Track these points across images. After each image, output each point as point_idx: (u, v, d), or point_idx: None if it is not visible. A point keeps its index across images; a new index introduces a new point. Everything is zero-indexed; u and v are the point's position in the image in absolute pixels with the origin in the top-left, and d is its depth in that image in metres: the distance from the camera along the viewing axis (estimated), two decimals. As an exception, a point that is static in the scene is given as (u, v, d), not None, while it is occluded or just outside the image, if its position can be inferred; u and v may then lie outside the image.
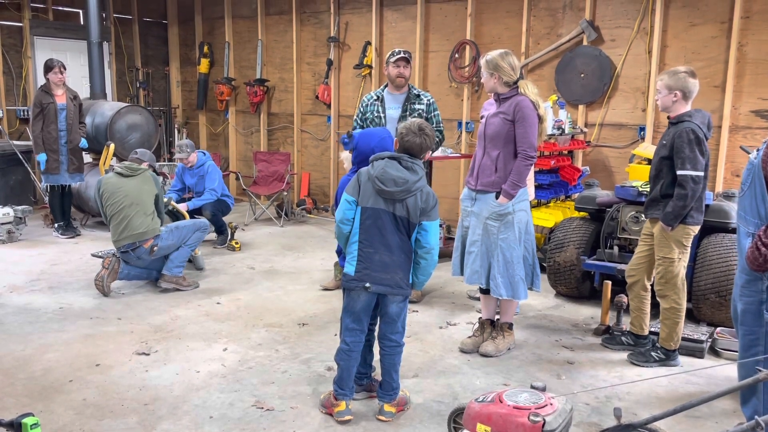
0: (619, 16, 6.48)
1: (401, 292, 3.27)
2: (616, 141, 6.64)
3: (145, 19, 10.27)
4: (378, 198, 3.19)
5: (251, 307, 5.07)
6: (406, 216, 3.18)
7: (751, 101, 5.85)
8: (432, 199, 3.23)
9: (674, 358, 4.07)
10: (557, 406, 2.67)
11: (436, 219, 3.24)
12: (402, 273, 3.25)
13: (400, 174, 3.16)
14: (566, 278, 5.21)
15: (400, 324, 3.34)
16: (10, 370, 3.88)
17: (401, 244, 3.22)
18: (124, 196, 5.30)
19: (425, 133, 3.24)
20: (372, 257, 3.21)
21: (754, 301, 2.95)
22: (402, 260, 3.24)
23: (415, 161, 3.22)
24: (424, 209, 3.20)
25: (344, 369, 3.35)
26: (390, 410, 3.37)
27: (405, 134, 3.24)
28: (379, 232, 3.20)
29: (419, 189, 3.19)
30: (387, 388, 3.38)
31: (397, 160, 3.21)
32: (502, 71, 3.99)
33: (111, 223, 5.35)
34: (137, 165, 5.53)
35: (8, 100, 8.76)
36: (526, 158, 3.99)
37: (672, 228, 3.83)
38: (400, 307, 3.30)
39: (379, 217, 3.19)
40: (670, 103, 3.84)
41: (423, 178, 3.22)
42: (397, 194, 3.15)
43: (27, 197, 8.36)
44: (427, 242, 3.23)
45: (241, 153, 10.02)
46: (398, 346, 3.37)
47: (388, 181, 3.15)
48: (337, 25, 8.50)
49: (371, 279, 3.21)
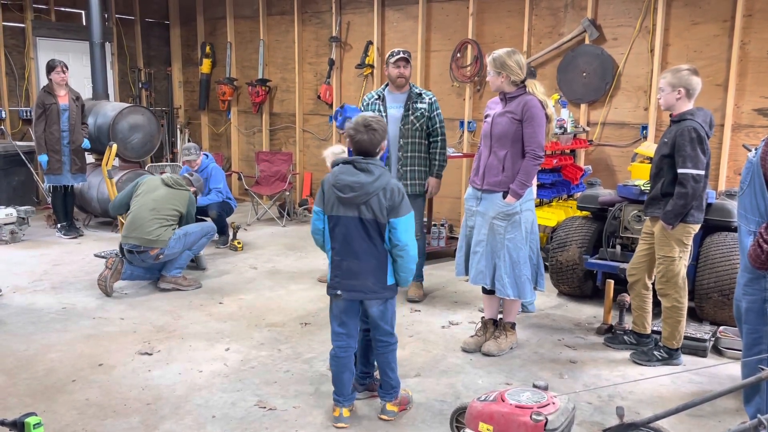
0: (620, 14, 6.47)
1: (375, 297, 3.20)
2: (619, 140, 6.64)
3: (147, 20, 10.28)
4: (340, 205, 3.12)
5: (253, 306, 5.08)
6: (372, 218, 3.09)
7: (754, 99, 5.84)
8: (398, 196, 3.10)
9: (677, 356, 4.07)
10: (559, 405, 2.67)
11: (405, 214, 3.12)
12: (373, 278, 3.16)
13: (355, 178, 3.07)
14: (569, 277, 5.20)
15: (386, 324, 3.29)
16: (12, 369, 3.89)
17: (370, 248, 3.13)
18: (152, 200, 5.40)
19: (372, 128, 3.11)
20: (340, 265, 3.18)
21: (757, 299, 2.95)
22: (372, 266, 3.15)
23: (369, 162, 3.11)
24: (391, 207, 3.09)
25: (335, 374, 3.34)
26: (392, 409, 3.36)
27: (354, 134, 3.12)
28: (344, 239, 3.14)
29: (380, 188, 3.07)
30: (386, 387, 3.37)
31: (351, 164, 3.12)
32: (509, 70, 3.96)
33: (127, 218, 5.41)
34: (184, 183, 5.65)
35: (11, 101, 8.78)
36: (534, 158, 3.97)
37: (672, 227, 3.82)
38: (380, 310, 3.24)
39: (343, 224, 3.13)
40: (674, 100, 3.83)
41: (382, 176, 3.10)
42: (355, 199, 3.07)
43: (30, 198, 8.39)
44: (398, 240, 3.12)
45: (243, 153, 10.03)
46: (389, 345, 3.33)
47: (344, 187, 3.08)
48: (339, 25, 8.51)
49: (342, 286, 3.18)
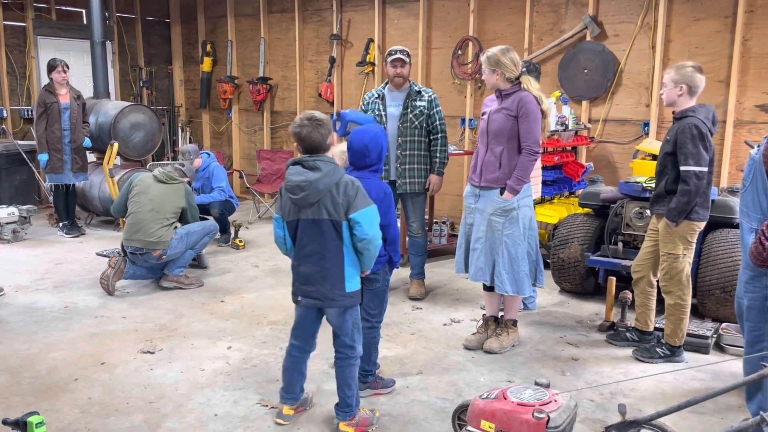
0: (622, 11, 6.46)
1: (332, 304, 3.05)
2: (620, 137, 6.62)
3: (148, 18, 10.28)
4: (295, 208, 3.01)
5: (255, 305, 5.08)
6: (328, 218, 2.96)
7: (756, 96, 5.83)
8: (352, 190, 2.96)
9: (679, 354, 4.06)
10: (561, 403, 2.67)
11: (365, 207, 2.97)
12: (330, 284, 3.01)
13: (303, 177, 2.94)
14: (570, 275, 5.20)
15: (345, 336, 3.12)
16: (15, 368, 3.89)
17: (325, 251, 2.99)
18: (149, 200, 5.35)
19: (316, 121, 2.97)
20: (297, 270, 3.09)
21: (759, 297, 2.95)
22: (328, 270, 3.00)
23: (317, 159, 2.97)
24: (347, 203, 2.95)
25: (283, 369, 3.30)
26: (345, 430, 3.16)
27: (299, 132, 2.98)
28: (299, 243, 3.05)
29: (332, 185, 2.93)
30: (342, 405, 3.18)
31: (299, 164, 3.00)
32: (503, 67, 3.98)
33: (128, 220, 5.39)
34: (176, 175, 5.58)
35: (12, 100, 8.78)
36: (530, 153, 3.98)
37: (676, 224, 3.81)
38: (339, 319, 3.10)
39: (298, 227, 3.02)
40: (675, 97, 3.82)
41: (332, 173, 2.95)
42: (306, 199, 2.94)
43: (31, 197, 8.39)
44: (365, 234, 2.96)
45: (244, 151, 10.03)
46: (347, 359, 3.15)
47: (294, 188, 2.96)
48: (340, 23, 8.50)
49: (301, 292, 3.09)
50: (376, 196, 3.40)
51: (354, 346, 3.17)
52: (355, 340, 3.17)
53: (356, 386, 3.21)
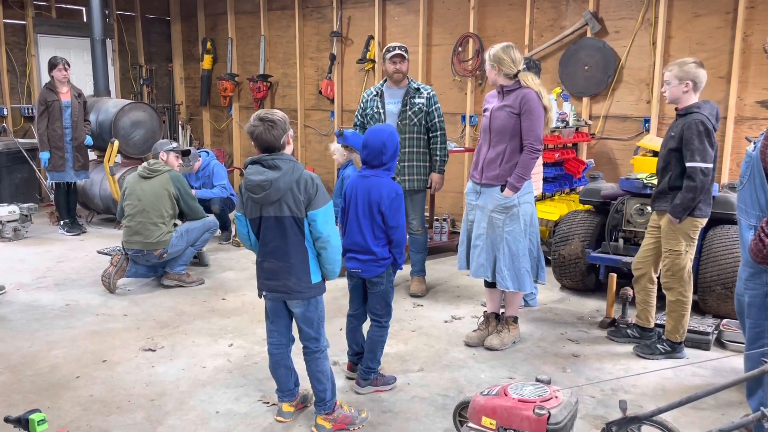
0: (622, 7, 6.44)
1: (299, 297, 3.08)
2: (621, 133, 6.62)
3: (148, 16, 10.27)
4: (256, 206, 3.03)
5: (256, 302, 5.08)
6: (290, 215, 2.98)
7: (757, 92, 5.82)
8: (312, 187, 2.98)
9: (680, 350, 4.07)
10: (562, 399, 2.67)
11: (323, 205, 2.99)
12: (296, 278, 3.04)
13: (264, 177, 2.94)
14: (571, 271, 5.20)
15: (309, 328, 3.14)
16: (17, 366, 3.90)
17: (289, 247, 3.02)
18: (138, 200, 5.29)
19: (269, 123, 2.95)
20: (261, 266, 3.12)
21: (759, 293, 2.94)
22: (292, 265, 3.03)
23: (276, 158, 2.97)
24: (308, 200, 2.97)
25: (270, 369, 3.31)
26: (323, 424, 3.18)
27: (253, 132, 2.96)
28: (263, 240, 3.07)
29: (292, 182, 2.95)
30: (317, 399, 3.22)
31: (258, 163, 3.00)
32: (502, 63, 3.99)
33: (124, 223, 5.37)
34: (159, 166, 5.45)
35: (13, 99, 8.78)
36: (532, 151, 3.98)
37: (680, 220, 3.81)
38: (302, 311, 3.12)
39: (261, 225, 3.05)
40: (680, 93, 3.80)
41: (292, 170, 2.96)
42: (268, 198, 2.96)
43: (33, 195, 8.40)
44: (319, 232, 3.00)
45: (245, 149, 10.02)
46: (314, 353, 3.17)
47: (254, 188, 2.97)
48: (340, 20, 8.49)
49: (265, 287, 3.13)
50: (387, 196, 3.39)
51: (318, 338, 3.17)
52: (320, 332, 3.18)
53: (328, 379, 3.21)
